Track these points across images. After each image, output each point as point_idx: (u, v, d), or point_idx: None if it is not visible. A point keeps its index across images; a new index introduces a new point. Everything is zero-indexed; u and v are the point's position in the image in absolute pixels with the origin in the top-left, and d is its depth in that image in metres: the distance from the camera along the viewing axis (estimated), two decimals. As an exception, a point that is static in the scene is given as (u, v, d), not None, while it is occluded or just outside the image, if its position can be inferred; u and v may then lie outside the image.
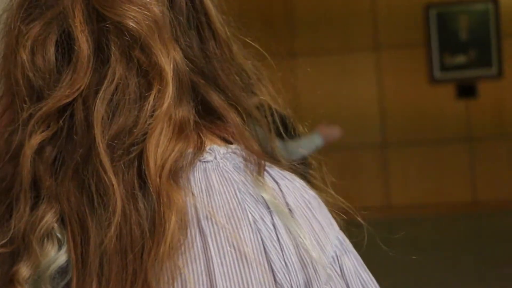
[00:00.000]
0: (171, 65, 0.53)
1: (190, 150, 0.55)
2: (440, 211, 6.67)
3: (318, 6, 6.94)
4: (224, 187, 0.54)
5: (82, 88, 0.53)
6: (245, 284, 0.51)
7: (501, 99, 6.80)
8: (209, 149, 0.56)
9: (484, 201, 6.78)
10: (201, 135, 0.56)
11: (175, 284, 0.50)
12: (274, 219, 0.53)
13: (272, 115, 0.62)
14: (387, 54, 6.92)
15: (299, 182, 0.57)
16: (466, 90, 6.80)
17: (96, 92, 0.53)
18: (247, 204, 0.53)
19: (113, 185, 0.51)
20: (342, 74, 6.98)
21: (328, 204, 0.59)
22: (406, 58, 6.90)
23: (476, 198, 6.86)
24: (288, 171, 0.58)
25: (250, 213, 0.53)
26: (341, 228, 0.58)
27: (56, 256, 0.51)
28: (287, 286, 0.52)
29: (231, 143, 0.58)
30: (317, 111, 6.52)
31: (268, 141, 0.60)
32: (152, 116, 0.52)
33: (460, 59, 6.83)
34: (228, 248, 0.51)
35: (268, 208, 0.53)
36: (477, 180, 6.85)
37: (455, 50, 6.82)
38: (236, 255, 0.51)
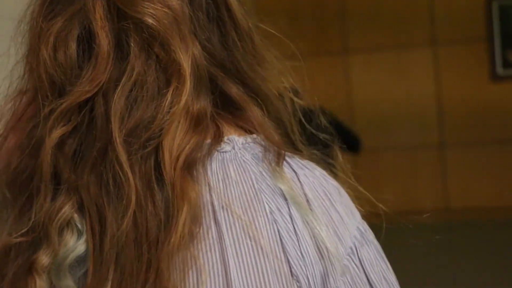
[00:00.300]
0: (190, 61, 0.55)
1: (208, 141, 0.57)
2: (502, 216, 6.43)
3: (371, 0, 6.80)
4: (242, 177, 0.55)
5: (102, 83, 0.55)
6: (260, 275, 0.52)
7: None
8: (227, 139, 0.57)
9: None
10: (219, 125, 0.58)
11: (190, 273, 0.52)
12: (291, 210, 0.54)
13: (293, 106, 0.63)
14: (445, 50, 6.73)
15: (319, 172, 0.58)
16: (531, 87, 6.54)
17: (115, 88, 0.55)
18: (264, 195, 0.54)
19: (128, 178, 0.53)
20: (398, 72, 6.82)
21: (350, 195, 0.60)
22: (466, 54, 6.71)
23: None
24: (310, 160, 0.59)
25: (267, 204, 0.54)
26: (363, 218, 0.59)
27: (75, 245, 0.54)
28: (303, 278, 0.53)
29: (252, 133, 0.59)
30: (372, 110, 6.47)
31: (289, 131, 0.62)
32: (169, 112, 0.54)
33: (525, 54, 6.58)
34: (244, 239, 0.53)
35: (285, 198, 0.55)
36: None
37: (519, 45, 6.58)
38: (252, 246, 0.52)
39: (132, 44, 0.56)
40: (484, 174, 6.71)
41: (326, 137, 0.67)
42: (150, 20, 0.55)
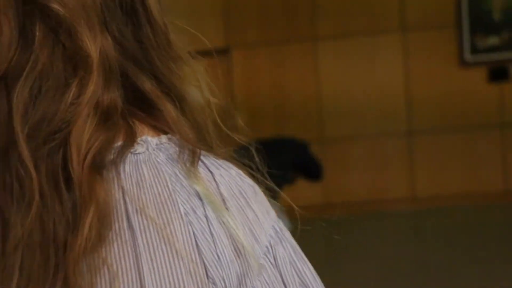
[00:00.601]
0: (98, 51, 0.54)
1: (120, 141, 0.55)
2: (470, 202, 6.52)
3: (340, -13, 6.80)
4: (156, 179, 0.54)
5: (2, 73, 0.52)
6: (176, 279, 0.51)
7: (537, 82, 6.61)
8: (141, 140, 0.56)
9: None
10: (132, 125, 0.56)
11: (101, 279, 0.51)
12: (207, 211, 0.54)
13: (208, 104, 0.63)
14: (414, 36, 6.78)
15: (235, 171, 0.58)
16: (499, 74, 6.64)
17: (18, 78, 0.53)
18: (179, 196, 0.54)
19: (31, 175, 0.51)
20: (367, 58, 6.85)
21: (265, 193, 0.60)
22: (435, 40, 6.76)
23: (508, 188, 6.69)
24: (225, 159, 0.59)
25: (182, 206, 0.53)
26: (278, 217, 0.59)
27: None
28: (219, 280, 0.53)
29: (166, 132, 0.58)
30: (341, 98, 6.46)
31: (205, 131, 0.61)
32: (74, 104, 0.52)
33: (493, 40, 6.67)
34: (158, 243, 0.52)
35: (201, 199, 0.54)
36: (510, 169, 6.68)
37: (488, 31, 6.66)
38: (167, 250, 0.52)
39: (37, 32, 0.53)
40: (452, 161, 6.79)
41: (242, 138, 0.66)
42: (56, 6, 0.53)
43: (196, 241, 0.53)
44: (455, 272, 4.55)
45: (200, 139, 0.58)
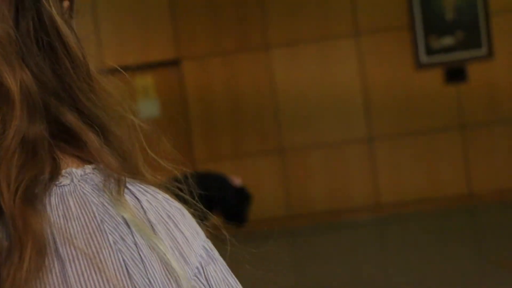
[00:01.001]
0: (19, 85, 0.56)
1: (46, 175, 0.57)
2: (434, 206, 6.50)
3: (291, -8, 6.73)
4: (82, 210, 0.56)
5: None
6: None
7: (493, 81, 6.67)
8: (65, 172, 0.58)
9: (481, 192, 6.62)
10: (56, 158, 0.58)
11: None
12: (136, 238, 0.56)
13: (135, 130, 0.65)
14: (368, 39, 6.76)
15: (162, 196, 0.60)
16: (455, 74, 6.67)
17: None
18: (107, 226, 0.55)
19: None
20: (322, 64, 6.80)
21: (194, 216, 0.62)
22: (389, 42, 6.76)
23: (472, 190, 6.70)
24: (152, 185, 0.61)
25: (110, 234, 0.55)
26: (208, 237, 0.62)
27: None
28: None
29: (91, 163, 0.59)
30: (297, 106, 6.34)
31: (132, 156, 0.62)
32: (0, 139, 0.55)
33: (447, 41, 6.69)
34: (89, 273, 0.53)
35: (129, 227, 0.56)
36: (472, 171, 6.70)
37: (442, 32, 6.69)
38: (98, 279, 0.53)
39: None
40: (414, 165, 6.77)
41: (171, 165, 0.69)
42: None
43: (127, 268, 0.54)
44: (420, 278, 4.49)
45: (126, 167, 0.60)
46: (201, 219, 0.64)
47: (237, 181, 4.44)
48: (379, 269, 4.99)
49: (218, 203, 4.29)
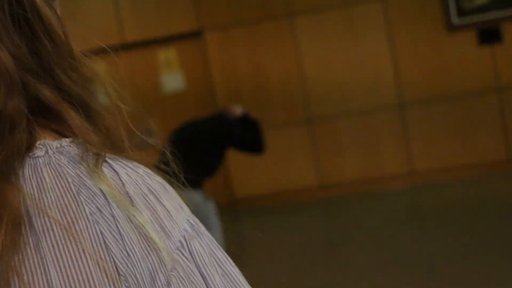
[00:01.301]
0: None
1: (22, 149, 0.57)
2: (470, 173, 6.30)
3: (315, -44, 6.53)
4: (57, 181, 0.56)
5: None
6: (85, 278, 0.53)
7: (529, 42, 6.39)
8: (40, 144, 0.58)
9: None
10: (32, 131, 0.58)
11: (12, 286, 0.52)
12: (113, 209, 0.55)
13: (118, 108, 0.65)
14: (396, 2, 6.54)
15: (143, 170, 0.60)
16: (490, 35, 6.41)
17: None
18: (83, 197, 0.55)
19: None
20: (348, 31, 6.60)
21: (180, 194, 0.63)
22: (418, 5, 6.54)
23: (511, 156, 6.48)
24: (137, 161, 0.61)
25: (87, 206, 0.55)
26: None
27: None
28: (131, 277, 0.54)
29: (70, 138, 0.59)
30: (325, 75, 6.13)
31: (116, 133, 0.62)
32: None
33: (480, 0, 6.40)
34: (64, 244, 0.53)
35: (106, 198, 0.56)
36: (510, 135, 6.47)
37: (473, -8, 6.41)
38: (73, 249, 0.53)
39: None
40: (448, 131, 6.57)
41: (155, 141, 0.70)
42: None
43: (104, 239, 0.54)
44: (458, 256, 4.34)
45: (108, 144, 0.60)
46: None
47: (237, 110, 4.22)
48: (413, 240, 4.84)
49: (227, 142, 4.14)
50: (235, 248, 5.24)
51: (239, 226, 6.24)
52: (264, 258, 4.88)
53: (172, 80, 6.83)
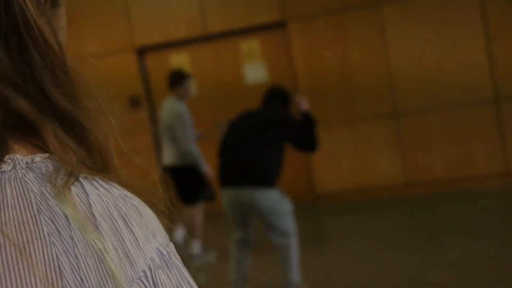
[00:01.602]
0: None
1: None
2: None
3: None
4: (19, 198, 0.55)
5: None
6: None
7: None
8: (8, 158, 0.57)
9: None
10: (3, 145, 0.58)
11: None
12: (73, 232, 0.54)
13: (111, 126, 0.63)
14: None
15: (119, 192, 0.58)
16: None
17: None
18: (43, 216, 0.54)
19: None
20: (440, 21, 6.28)
21: (159, 214, 0.61)
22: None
23: None
24: (121, 181, 0.60)
25: (45, 226, 0.54)
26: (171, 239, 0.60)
27: None
28: None
29: (46, 153, 0.59)
30: (414, 66, 5.79)
31: (102, 150, 0.61)
32: None
33: None
34: (16, 264, 0.52)
35: (68, 220, 0.54)
36: None
37: None
38: (24, 272, 0.52)
39: None
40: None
41: (144, 162, 0.68)
42: None
43: (58, 263, 0.53)
44: None
45: (89, 161, 0.58)
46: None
47: (304, 105, 4.06)
48: (504, 244, 4.53)
49: (285, 137, 4.01)
50: (316, 241, 5.11)
51: (320, 221, 6.08)
52: (343, 251, 4.72)
53: (255, 71, 6.74)
